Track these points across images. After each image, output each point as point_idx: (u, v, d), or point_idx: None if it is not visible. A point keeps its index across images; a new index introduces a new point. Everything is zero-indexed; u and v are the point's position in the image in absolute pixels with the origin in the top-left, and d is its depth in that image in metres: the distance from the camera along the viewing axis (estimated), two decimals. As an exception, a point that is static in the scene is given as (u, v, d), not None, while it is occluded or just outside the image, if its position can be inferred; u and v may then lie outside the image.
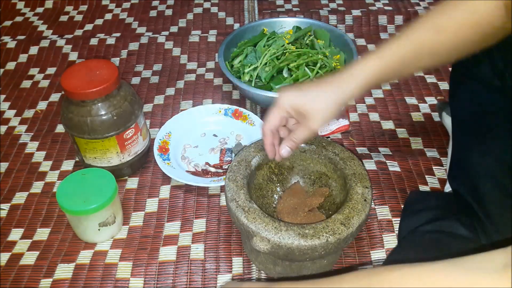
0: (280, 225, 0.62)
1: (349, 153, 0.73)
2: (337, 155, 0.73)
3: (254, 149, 0.75)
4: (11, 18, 1.38)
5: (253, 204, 0.65)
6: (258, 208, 0.65)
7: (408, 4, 1.37)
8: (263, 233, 0.61)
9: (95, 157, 0.85)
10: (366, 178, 0.69)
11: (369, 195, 0.67)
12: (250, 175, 0.72)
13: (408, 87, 1.10)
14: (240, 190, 0.67)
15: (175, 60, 1.21)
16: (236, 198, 0.66)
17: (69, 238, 0.80)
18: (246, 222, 0.63)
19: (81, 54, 1.24)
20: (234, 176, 0.70)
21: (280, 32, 1.14)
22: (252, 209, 0.64)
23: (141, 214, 0.84)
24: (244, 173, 0.71)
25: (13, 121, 1.05)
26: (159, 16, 1.37)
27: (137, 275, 0.75)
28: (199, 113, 1.00)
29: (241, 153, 0.74)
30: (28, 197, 0.88)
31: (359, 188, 0.68)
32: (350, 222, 0.63)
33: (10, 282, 0.74)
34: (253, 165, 0.73)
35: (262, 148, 0.72)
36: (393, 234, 0.78)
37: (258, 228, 0.62)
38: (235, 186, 0.68)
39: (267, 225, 0.62)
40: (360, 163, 0.72)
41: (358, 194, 0.67)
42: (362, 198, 0.66)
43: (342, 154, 0.73)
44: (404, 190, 0.85)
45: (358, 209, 0.65)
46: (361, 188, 0.68)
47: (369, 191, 0.67)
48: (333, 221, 0.63)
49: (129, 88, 0.86)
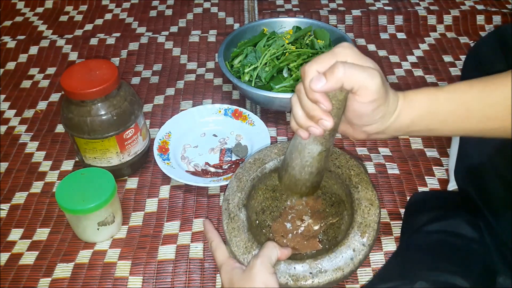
0: (252, 247, 0.59)
1: (372, 193, 0.64)
2: (358, 192, 0.65)
3: (277, 151, 0.70)
4: (11, 18, 1.38)
5: (242, 212, 0.63)
6: (243, 219, 0.62)
7: (408, 4, 1.37)
8: (233, 247, 0.60)
9: (95, 157, 0.85)
10: (371, 234, 0.61)
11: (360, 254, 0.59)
12: (261, 177, 0.68)
13: (408, 87, 1.10)
14: (238, 193, 0.65)
15: (175, 60, 1.21)
16: (230, 200, 0.64)
17: (69, 238, 0.80)
18: (225, 228, 0.61)
19: (81, 54, 1.24)
20: (241, 174, 0.67)
21: (280, 32, 1.14)
22: (236, 218, 0.62)
23: (140, 214, 0.84)
24: (253, 174, 0.68)
25: (13, 121, 1.05)
26: (159, 16, 1.37)
27: (136, 274, 0.75)
28: (199, 113, 1.00)
29: (262, 151, 0.70)
30: (27, 197, 0.88)
31: (354, 243, 0.60)
32: (319, 276, 0.57)
33: (9, 282, 0.74)
34: (268, 167, 0.69)
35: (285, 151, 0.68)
36: (391, 237, 0.78)
37: (231, 239, 0.60)
38: (236, 186, 0.66)
39: (241, 241, 0.60)
40: (377, 211, 0.63)
41: (349, 249, 0.60)
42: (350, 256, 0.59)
43: (363, 193, 0.64)
44: (403, 193, 0.85)
45: (337, 266, 0.58)
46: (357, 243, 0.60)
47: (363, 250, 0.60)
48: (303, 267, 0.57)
49: (129, 88, 0.86)
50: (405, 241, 0.74)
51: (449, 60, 1.18)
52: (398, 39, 1.26)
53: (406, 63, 1.18)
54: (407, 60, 1.19)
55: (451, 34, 1.27)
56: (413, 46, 1.23)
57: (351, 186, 0.66)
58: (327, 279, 0.57)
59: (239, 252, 0.59)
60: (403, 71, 1.15)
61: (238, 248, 0.59)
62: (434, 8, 1.33)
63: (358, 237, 0.60)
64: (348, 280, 0.73)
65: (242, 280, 0.56)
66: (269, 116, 1.03)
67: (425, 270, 0.62)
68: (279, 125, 1.01)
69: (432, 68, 1.16)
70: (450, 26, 1.29)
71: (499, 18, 1.29)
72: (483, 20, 1.29)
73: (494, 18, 1.29)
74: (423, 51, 1.22)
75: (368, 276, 0.74)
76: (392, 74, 1.14)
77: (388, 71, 1.15)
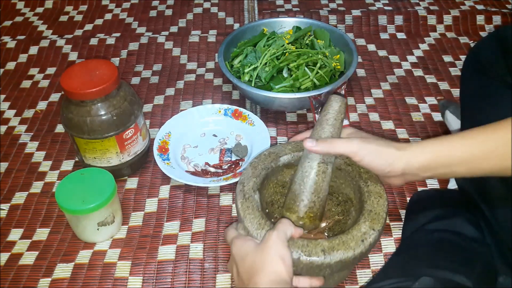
0: (265, 224, 0.61)
1: (380, 189, 0.66)
2: (367, 185, 0.66)
3: (291, 147, 0.72)
4: (11, 18, 1.38)
5: (256, 194, 0.65)
6: (257, 200, 0.64)
7: (408, 4, 1.37)
8: (246, 223, 0.61)
9: (94, 157, 0.85)
10: (380, 221, 0.62)
11: (370, 237, 0.60)
12: (274, 169, 0.70)
13: (408, 87, 1.10)
14: (253, 178, 0.67)
15: (175, 60, 1.21)
16: (245, 183, 0.66)
17: (69, 238, 0.80)
18: (240, 207, 0.63)
19: (81, 54, 1.24)
20: (256, 163, 0.69)
21: (280, 32, 1.14)
22: (251, 198, 0.64)
23: (140, 214, 0.84)
24: (268, 165, 0.69)
25: (13, 121, 1.05)
26: (159, 16, 1.37)
27: (136, 274, 0.75)
28: (198, 113, 1.00)
29: (276, 147, 0.72)
30: (27, 197, 0.88)
31: (365, 227, 0.61)
32: (331, 253, 0.58)
33: (9, 282, 0.74)
34: (282, 161, 0.70)
35: (300, 149, 0.70)
36: (391, 238, 0.78)
37: (245, 216, 0.62)
38: (251, 172, 0.67)
39: (255, 218, 0.61)
40: (385, 203, 0.64)
41: (359, 232, 0.60)
42: (361, 237, 0.60)
43: (372, 187, 0.66)
44: (402, 194, 0.86)
45: (348, 246, 0.59)
46: (367, 228, 0.61)
47: (374, 234, 0.60)
48: (315, 244, 0.59)
49: (129, 88, 0.86)
50: (407, 240, 0.75)
51: (449, 60, 1.18)
52: (398, 39, 1.26)
53: (406, 63, 1.18)
54: (407, 60, 1.19)
55: (451, 34, 1.27)
56: (413, 46, 1.23)
57: (361, 181, 0.67)
58: (338, 257, 0.58)
59: (252, 228, 0.60)
60: (403, 71, 1.15)
61: (252, 224, 0.61)
62: (434, 8, 1.33)
63: (368, 222, 0.62)
64: (348, 281, 0.73)
65: (257, 252, 0.57)
66: (269, 116, 1.03)
67: (426, 268, 0.62)
68: (279, 125, 1.01)
69: (432, 68, 1.16)
70: (450, 26, 1.28)
71: (499, 18, 1.29)
72: (483, 20, 1.29)
73: (494, 18, 1.29)
74: (423, 51, 1.22)
75: (368, 277, 0.74)
76: (392, 74, 1.14)
77: (388, 71, 1.15)
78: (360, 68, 1.16)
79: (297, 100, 0.97)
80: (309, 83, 1.01)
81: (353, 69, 1.00)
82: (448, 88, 1.10)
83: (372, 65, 1.17)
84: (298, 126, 1.01)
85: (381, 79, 1.13)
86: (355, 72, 1.12)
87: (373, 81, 1.12)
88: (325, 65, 1.03)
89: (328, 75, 1.02)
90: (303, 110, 1.04)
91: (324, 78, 1.01)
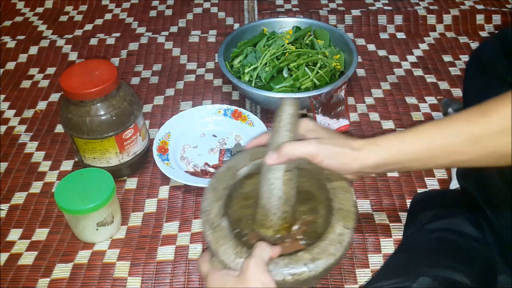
0: (241, 251, 0.58)
1: (344, 184, 0.66)
2: (331, 182, 0.66)
3: (249, 157, 0.70)
4: (11, 18, 1.38)
5: (224, 221, 0.61)
6: (226, 227, 0.61)
7: (408, 4, 1.37)
8: (221, 256, 0.58)
9: (94, 157, 0.85)
10: (352, 217, 0.62)
11: (347, 237, 0.60)
12: (235, 184, 0.67)
13: (408, 87, 1.10)
14: (216, 203, 0.63)
15: (175, 60, 1.21)
16: (209, 211, 0.62)
17: (68, 238, 0.80)
18: (210, 239, 0.60)
19: (81, 54, 1.24)
20: (216, 184, 0.66)
21: (280, 32, 1.14)
22: (219, 227, 0.60)
23: (139, 215, 0.84)
24: (227, 182, 0.66)
25: (13, 121, 1.05)
26: (159, 16, 1.37)
27: (135, 275, 0.75)
28: (198, 113, 1.00)
29: (233, 159, 0.70)
30: (27, 197, 0.88)
31: (339, 228, 0.61)
32: (315, 264, 0.57)
33: (8, 282, 0.74)
34: (242, 173, 0.68)
35: (257, 157, 0.68)
36: (391, 239, 0.78)
37: (218, 249, 0.58)
38: (213, 196, 0.64)
39: (229, 248, 0.58)
40: (352, 197, 0.65)
41: (335, 235, 0.60)
42: (338, 240, 0.59)
43: (336, 183, 0.66)
44: (402, 196, 0.86)
45: (328, 252, 0.58)
46: (342, 228, 0.61)
47: (349, 232, 0.61)
48: (297, 259, 0.58)
49: (129, 89, 0.86)
50: (407, 239, 0.75)
51: (448, 59, 1.18)
52: (398, 39, 1.26)
53: (405, 63, 1.18)
54: (406, 60, 1.18)
55: (450, 33, 1.27)
56: (413, 46, 1.23)
57: (323, 178, 0.67)
58: (322, 266, 0.57)
59: (229, 259, 0.58)
60: (402, 71, 1.15)
61: (228, 256, 0.58)
62: (434, 7, 1.33)
63: (341, 222, 0.61)
64: (348, 280, 0.73)
65: (237, 284, 0.56)
66: (269, 116, 1.03)
67: (426, 267, 0.62)
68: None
69: (432, 68, 1.16)
70: (450, 25, 1.28)
71: (499, 17, 1.28)
72: (482, 19, 1.29)
73: (494, 17, 1.29)
74: (422, 50, 1.21)
75: (367, 277, 0.74)
76: (392, 74, 1.14)
77: (388, 71, 1.15)
78: (360, 68, 1.16)
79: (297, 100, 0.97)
80: (309, 83, 1.00)
81: (353, 69, 1.00)
82: (448, 87, 1.10)
83: (372, 65, 1.17)
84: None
85: (381, 79, 1.13)
86: (355, 72, 1.12)
87: (373, 81, 1.12)
88: (325, 65, 1.03)
89: (328, 75, 1.02)
90: (303, 110, 1.04)
91: (324, 78, 1.01)
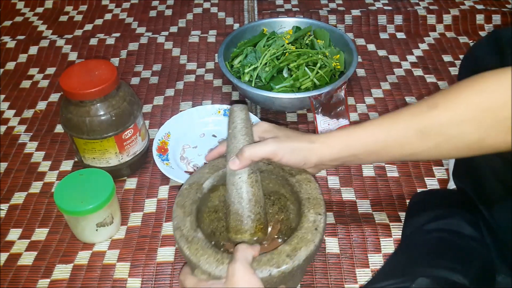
0: (222, 258, 0.58)
1: (307, 175, 0.68)
2: (294, 176, 0.68)
3: (208, 170, 0.70)
4: (11, 18, 1.38)
5: (198, 233, 0.62)
6: (202, 238, 0.61)
7: (408, 4, 1.37)
8: (203, 266, 0.58)
9: (93, 158, 0.85)
10: (321, 204, 0.64)
11: (321, 223, 0.62)
12: (201, 199, 0.68)
13: (408, 87, 1.10)
14: (187, 217, 0.64)
15: (175, 61, 1.21)
16: (181, 227, 0.63)
17: (67, 239, 0.80)
18: (188, 253, 0.60)
19: (80, 54, 1.24)
20: (182, 201, 0.66)
21: (280, 32, 1.14)
22: (195, 240, 0.61)
23: (139, 215, 0.84)
24: (194, 197, 0.66)
25: (13, 121, 1.05)
26: (159, 16, 1.37)
27: (135, 276, 0.74)
28: (198, 113, 1.00)
29: (194, 175, 0.70)
30: (26, 197, 0.88)
31: (312, 215, 0.62)
32: (297, 254, 0.58)
33: (8, 283, 0.74)
34: (206, 187, 0.69)
35: (218, 168, 0.69)
36: (390, 239, 0.78)
37: (199, 260, 0.59)
38: (182, 212, 0.64)
39: (209, 257, 0.58)
40: (316, 186, 0.67)
41: (310, 222, 0.62)
42: (313, 226, 0.61)
43: (299, 176, 0.68)
44: (402, 196, 0.86)
45: (307, 240, 0.59)
46: (314, 215, 0.62)
47: (321, 218, 0.62)
48: (278, 253, 0.59)
49: (128, 89, 0.86)
50: (406, 240, 0.75)
51: (448, 59, 1.18)
52: (398, 39, 1.26)
53: (405, 62, 1.18)
54: (406, 60, 1.18)
55: (450, 33, 1.27)
56: (413, 45, 1.23)
57: (286, 174, 0.69)
58: (304, 254, 0.59)
59: (212, 267, 0.58)
60: (402, 71, 1.15)
61: (210, 265, 0.58)
62: (434, 7, 1.33)
63: (312, 209, 0.63)
64: (348, 280, 0.73)
65: None
66: (269, 116, 1.03)
67: (424, 267, 0.62)
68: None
69: (432, 68, 1.16)
70: (450, 25, 1.28)
71: (499, 17, 1.28)
72: (482, 19, 1.28)
73: (493, 17, 1.28)
74: (422, 50, 1.21)
75: (367, 277, 0.74)
76: (392, 74, 1.14)
77: (388, 71, 1.15)
78: (360, 68, 1.16)
79: (297, 100, 0.97)
80: (309, 83, 1.00)
81: (353, 69, 1.00)
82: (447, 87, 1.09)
83: (372, 65, 1.17)
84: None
85: (381, 79, 1.13)
86: (355, 72, 1.12)
87: (373, 81, 1.12)
88: (325, 65, 1.03)
89: (328, 75, 1.02)
90: (303, 110, 1.04)
91: (324, 78, 1.01)
